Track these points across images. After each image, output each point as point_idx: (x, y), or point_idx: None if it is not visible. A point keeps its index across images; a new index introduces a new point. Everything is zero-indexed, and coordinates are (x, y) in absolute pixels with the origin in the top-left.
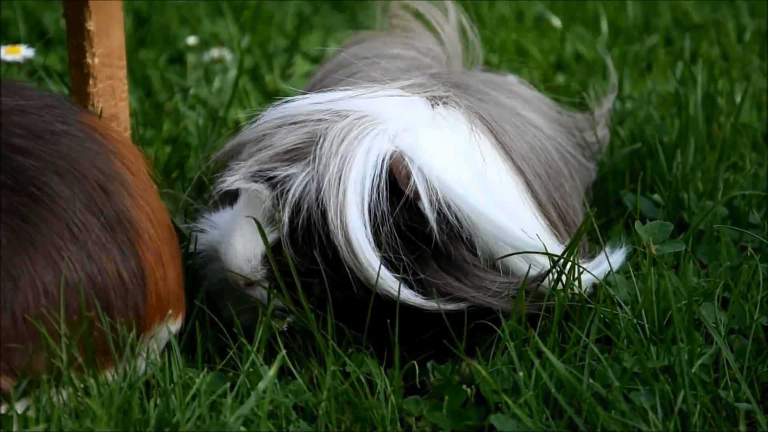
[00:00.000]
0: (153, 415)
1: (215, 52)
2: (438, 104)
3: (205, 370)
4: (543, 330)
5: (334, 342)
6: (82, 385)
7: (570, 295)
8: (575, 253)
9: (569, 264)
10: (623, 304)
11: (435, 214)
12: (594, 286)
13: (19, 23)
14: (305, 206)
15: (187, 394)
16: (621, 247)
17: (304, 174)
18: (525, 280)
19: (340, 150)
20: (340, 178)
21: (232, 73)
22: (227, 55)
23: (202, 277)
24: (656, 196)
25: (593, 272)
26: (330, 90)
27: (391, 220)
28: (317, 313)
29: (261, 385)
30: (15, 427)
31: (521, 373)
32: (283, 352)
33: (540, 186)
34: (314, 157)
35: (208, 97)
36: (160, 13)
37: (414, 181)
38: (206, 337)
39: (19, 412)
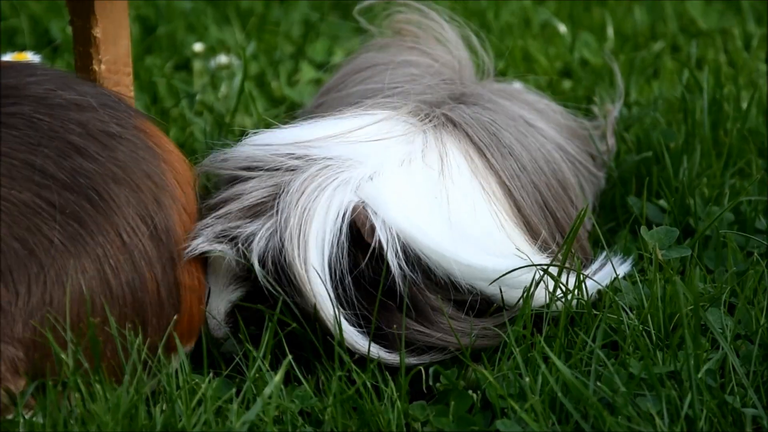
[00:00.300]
0: (159, 421)
1: (222, 59)
2: (426, 128)
3: (211, 374)
4: (549, 336)
5: (341, 348)
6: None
7: (575, 302)
8: (570, 259)
9: (566, 270)
10: (629, 310)
11: (398, 266)
12: (599, 292)
13: (26, 31)
14: (269, 261)
15: (193, 399)
16: (626, 257)
17: (265, 229)
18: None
19: (300, 203)
20: (299, 233)
21: (239, 79)
22: (234, 62)
23: None
24: (662, 202)
25: (596, 278)
26: (311, 120)
27: (351, 275)
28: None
29: (267, 391)
30: None
31: (527, 379)
32: (290, 357)
33: (532, 201)
34: (276, 210)
35: (214, 104)
36: (167, 20)
37: (377, 234)
38: (212, 343)
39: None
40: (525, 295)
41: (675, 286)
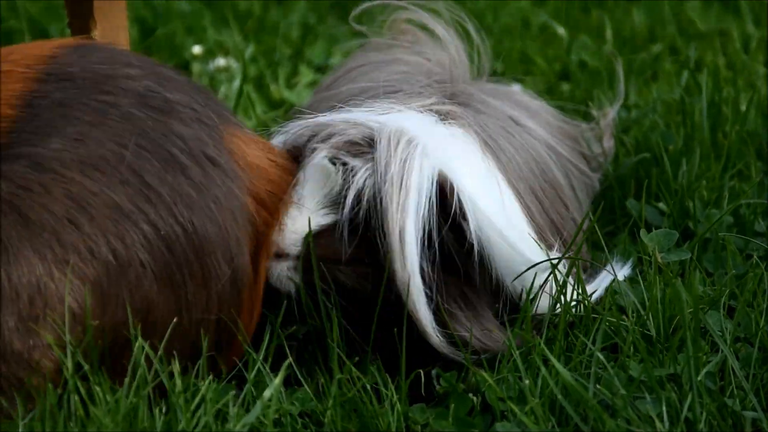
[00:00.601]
0: (159, 423)
1: (220, 61)
2: (447, 121)
3: (211, 376)
4: (548, 339)
5: (341, 350)
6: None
7: (575, 305)
8: (573, 263)
9: (567, 275)
10: (629, 313)
11: (475, 237)
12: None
13: (25, 33)
14: (365, 199)
15: (194, 402)
16: (626, 260)
17: (365, 168)
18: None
19: (398, 153)
20: (401, 180)
21: (238, 81)
22: (232, 64)
23: None
24: (661, 205)
25: (595, 284)
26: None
27: (438, 238)
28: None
29: (267, 393)
30: None
31: (527, 381)
32: (290, 359)
33: (533, 203)
34: (374, 156)
35: None
36: (165, 22)
37: (458, 201)
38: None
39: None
40: (527, 297)
41: (675, 288)
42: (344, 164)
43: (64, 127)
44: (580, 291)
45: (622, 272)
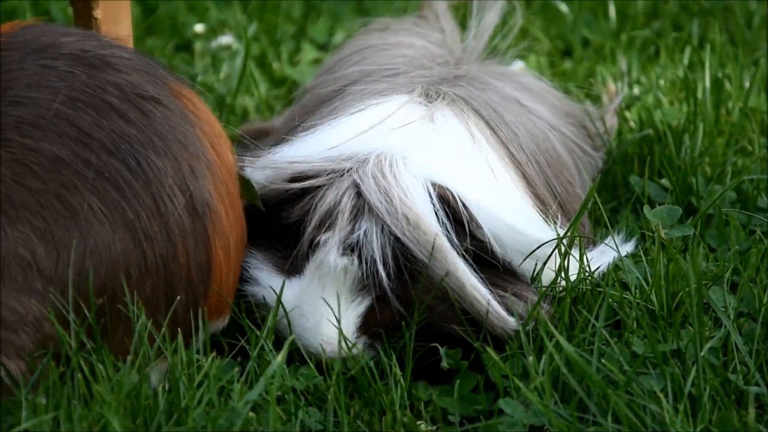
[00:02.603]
0: (162, 401)
1: (223, 40)
2: (435, 103)
3: (214, 352)
4: (552, 315)
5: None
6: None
7: (579, 280)
8: (575, 235)
9: (570, 247)
10: (632, 289)
11: (487, 236)
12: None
13: (27, 11)
14: (389, 257)
15: (196, 378)
16: (630, 237)
17: (377, 229)
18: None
19: (394, 192)
20: (411, 212)
21: (240, 60)
22: (235, 43)
23: None
24: (664, 181)
25: (598, 259)
26: (330, 121)
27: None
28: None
29: (270, 370)
30: (24, 414)
31: (531, 358)
32: (292, 337)
33: (538, 177)
34: (375, 211)
35: (215, 85)
36: (168, 1)
37: (464, 208)
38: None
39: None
40: (538, 272)
41: (678, 264)
42: (350, 248)
43: (5, 91)
44: (584, 266)
45: (626, 248)
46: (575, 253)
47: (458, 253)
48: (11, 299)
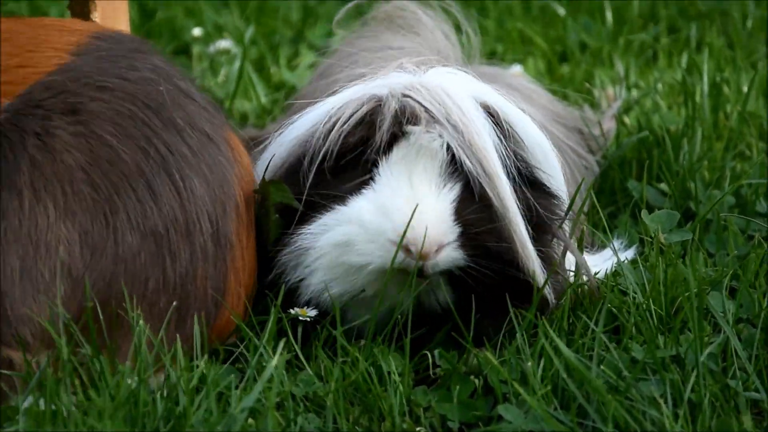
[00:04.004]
0: (160, 407)
1: (221, 44)
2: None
3: (210, 357)
4: (551, 320)
5: (342, 337)
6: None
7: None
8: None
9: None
10: (631, 294)
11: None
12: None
13: (25, 15)
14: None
15: (194, 383)
16: (629, 243)
17: (447, 132)
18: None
19: (458, 106)
20: (474, 128)
21: (238, 64)
22: (233, 47)
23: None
24: (663, 186)
25: (598, 261)
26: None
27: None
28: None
29: (266, 374)
30: (22, 421)
31: (529, 363)
32: (287, 338)
33: None
34: (441, 120)
35: (213, 88)
36: (166, 5)
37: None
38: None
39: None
40: (543, 284)
41: (677, 270)
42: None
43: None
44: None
45: (626, 254)
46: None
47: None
48: (29, 297)
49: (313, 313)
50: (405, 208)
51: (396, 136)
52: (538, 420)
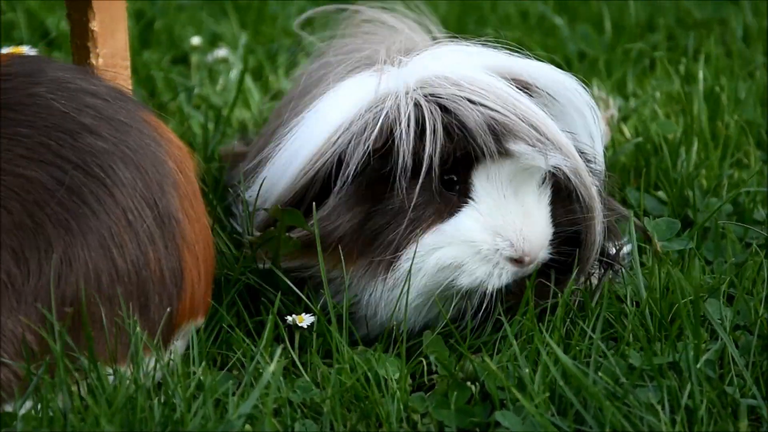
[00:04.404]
0: (157, 413)
1: (219, 52)
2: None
3: (206, 363)
4: (547, 327)
5: (343, 341)
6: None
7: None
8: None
9: None
10: (629, 300)
11: None
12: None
13: (22, 25)
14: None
15: (191, 390)
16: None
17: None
18: None
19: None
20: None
21: (236, 72)
22: (231, 56)
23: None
24: (661, 194)
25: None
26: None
27: None
28: None
29: (263, 381)
30: (20, 425)
31: (527, 369)
32: (284, 346)
33: None
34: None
35: (211, 97)
36: (164, 14)
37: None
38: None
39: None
40: (530, 285)
41: (674, 277)
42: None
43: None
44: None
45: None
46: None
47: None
48: None
49: (310, 320)
50: (518, 224)
51: (488, 151)
52: (535, 426)
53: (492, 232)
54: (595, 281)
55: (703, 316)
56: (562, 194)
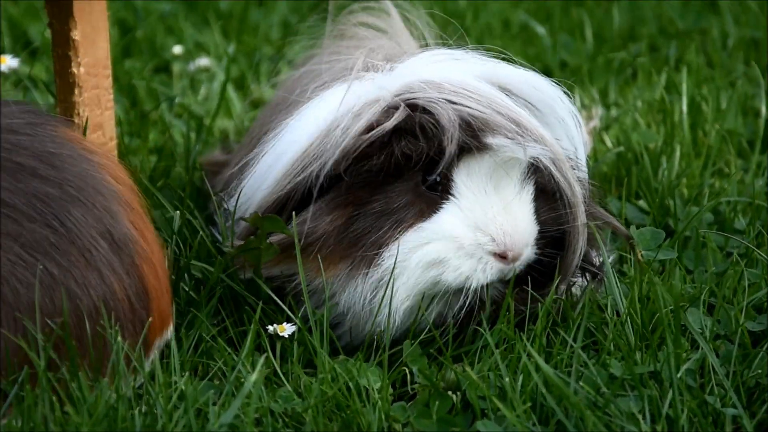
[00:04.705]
0: (138, 422)
1: (201, 61)
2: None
3: (190, 374)
4: (528, 336)
5: (324, 351)
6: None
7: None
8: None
9: None
10: (610, 309)
11: None
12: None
13: (4, 34)
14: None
15: (173, 399)
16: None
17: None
18: None
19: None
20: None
21: (218, 82)
22: (213, 65)
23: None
24: (642, 203)
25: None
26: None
27: None
28: None
29: (245, 390)
30: None
31: (507, 379)
32: (266, 355)
33: None
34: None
35: (193, 106)
36: (146, 23)
37: None
38: (194, 347)
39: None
40: (509, 289)
41: (655, 286)
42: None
43: None
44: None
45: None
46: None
47: None
48: None
49: (291, 329)
50: (499, 219)
51: (466, 147)
52: None
53: (473, 227)
54: (577, 292)
55: (684, 325)
56: (547, 193)
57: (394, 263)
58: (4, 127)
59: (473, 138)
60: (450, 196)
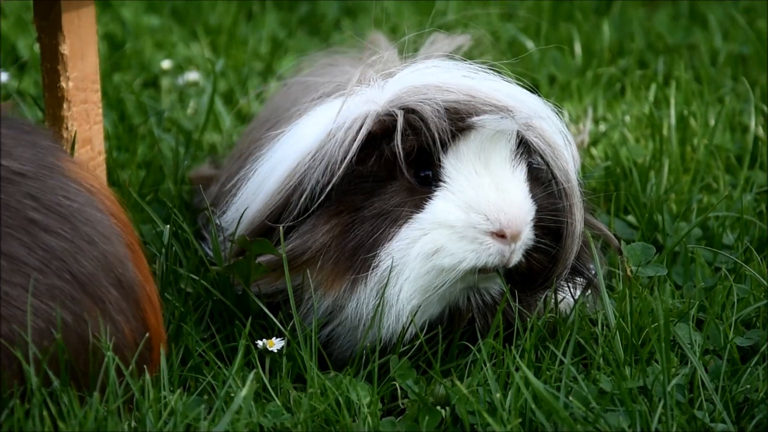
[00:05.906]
0: None
1: (190, 76)
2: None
3: (180, 390)
4: (518, 351)
5: (313, 365)
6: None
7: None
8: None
9: None
10: (600, 325)
11: None
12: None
13: None
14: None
15: (163, 414)
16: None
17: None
18: None
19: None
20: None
21: (207, 96)
22: (201, 79)
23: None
24: (630, 218)
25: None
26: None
27: None
28: None
29: (234, 405)
30: None
31: (497, 394)
32: (256, 370)
33: None
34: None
35: (182, 121)
36: (135, 38)
37: None
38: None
39: None
40: (501, 304)
41: (645, 301)
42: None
43: None
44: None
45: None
46: None
47: None
48: None
49: (280, 344)
50: (491, 196)
51: (457, 132)
52: None
53: (465, 208)
54: (566, 309)
55: (673, 340)
56: (542, 180)
57: (392, 263)
58: (12, 169)
59: (459, 121)
60: (442, 183)
